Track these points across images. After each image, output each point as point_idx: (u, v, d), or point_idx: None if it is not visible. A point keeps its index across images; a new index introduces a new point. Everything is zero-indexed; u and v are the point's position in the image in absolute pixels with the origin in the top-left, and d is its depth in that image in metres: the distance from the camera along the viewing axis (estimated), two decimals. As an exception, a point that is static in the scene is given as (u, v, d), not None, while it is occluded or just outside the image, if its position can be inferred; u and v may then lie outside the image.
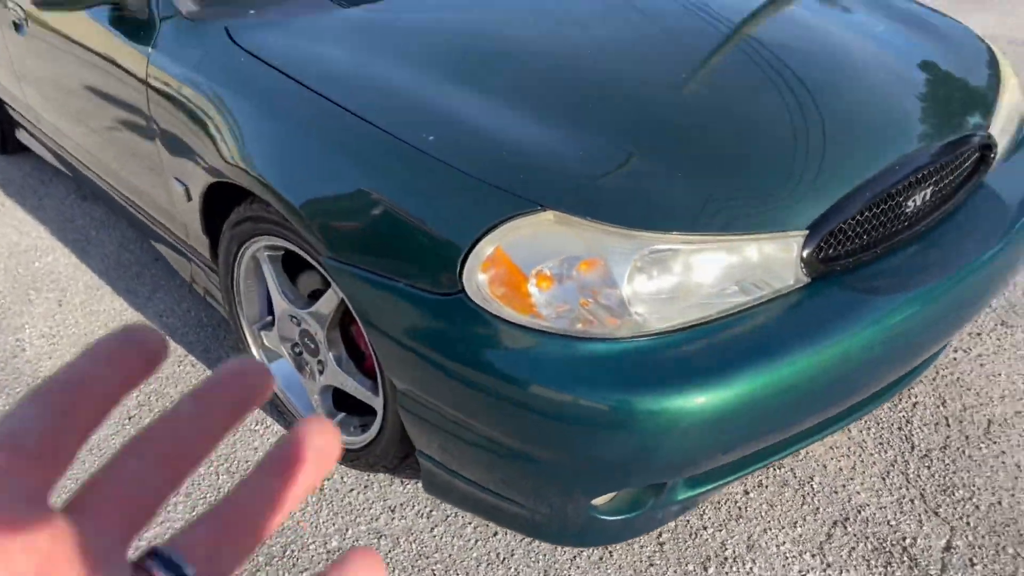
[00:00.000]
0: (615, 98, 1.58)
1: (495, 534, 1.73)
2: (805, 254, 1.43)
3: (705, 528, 1.72)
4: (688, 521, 1.74)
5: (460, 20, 1.88)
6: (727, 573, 1.62)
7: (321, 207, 1.53)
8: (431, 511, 1.78)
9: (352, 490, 1.85)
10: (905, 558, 1.63)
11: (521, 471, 1.43)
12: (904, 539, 1.67)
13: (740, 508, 1.76)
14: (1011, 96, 1.89)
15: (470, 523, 1.75)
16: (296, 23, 1.85)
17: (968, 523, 1.69)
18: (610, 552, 1.68)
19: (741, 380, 1.31)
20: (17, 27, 2.54)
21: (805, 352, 1.36)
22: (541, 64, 1.69)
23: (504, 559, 1.67)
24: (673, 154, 1.46)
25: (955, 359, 2.13)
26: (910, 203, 1.57)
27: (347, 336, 1.78)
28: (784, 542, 1.68)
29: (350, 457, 1.85)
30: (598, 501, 1.46)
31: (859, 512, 1.73)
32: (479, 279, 1.35)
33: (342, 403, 1.91)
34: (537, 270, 1.33)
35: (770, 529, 1.71)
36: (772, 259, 1.41)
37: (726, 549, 1.67)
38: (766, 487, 1.80)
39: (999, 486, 1.77)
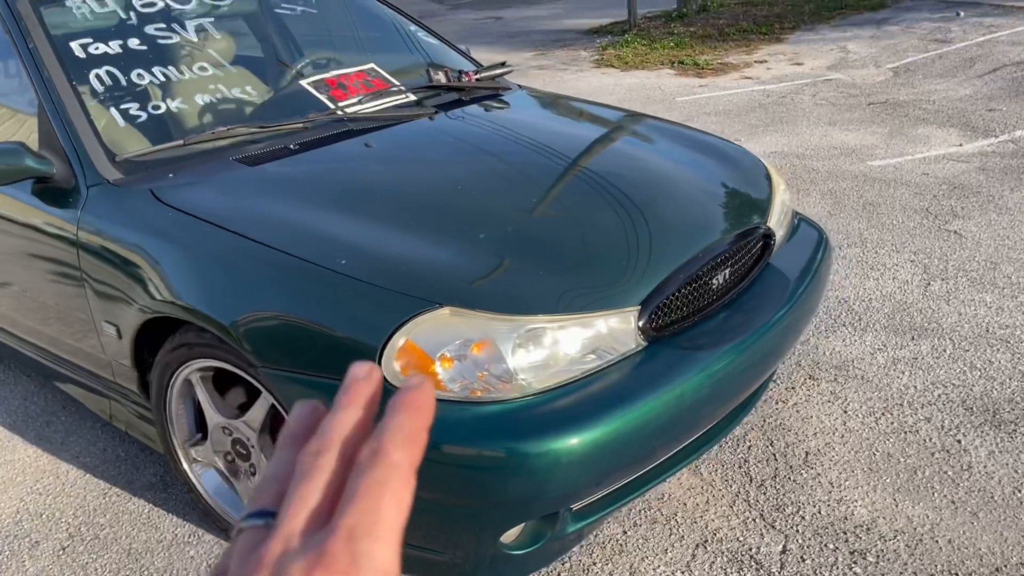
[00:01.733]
0: (484, 218, 2.02)
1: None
2: (640, 324, 1.87)
3: (595, 564, 2.06)
4: (580, 560, 2.07)
5: (348, 169, 2.30)
6: (617, 595, 1.96)
7: (250, 326, 1.85)
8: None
9: None
10: (752, 563, 2.03)
11: (440, 522, 1.74)
12: (751, 549, 2.07)
13: (621, 544, 2.12)
14: (781, 197, 2.48)
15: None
16: (211, 181, 2.20)
17: (797, 530, 2.12)
18: (520, 594, 1.98)
19: (604, 423, 1.71)
20: (-74, 204, 2.74)
21: (650, 397, 1.78)
22: (420, 196, 2.12)
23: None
24: (534, 256, 1.90)
25: (777, 408, 2.62)
26: (715, 281, 2.06)
27: (275, 438, 2.06)
28: (659, 566, 2.05)
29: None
30: (506, 538, 1.78)
31: (715, 534, 2.13)
32: (394, 366, 1.70)
33: (271, 504, 2.15)
34: (441, 354, 1.71)
35: (647, 558, 2.07)
36: (616, 330, 1.85)
37: (614, 578, 2.01)
38: (639, 525, 2.18)
39: (818, 499, 2.22)
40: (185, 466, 2.23)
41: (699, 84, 7.14)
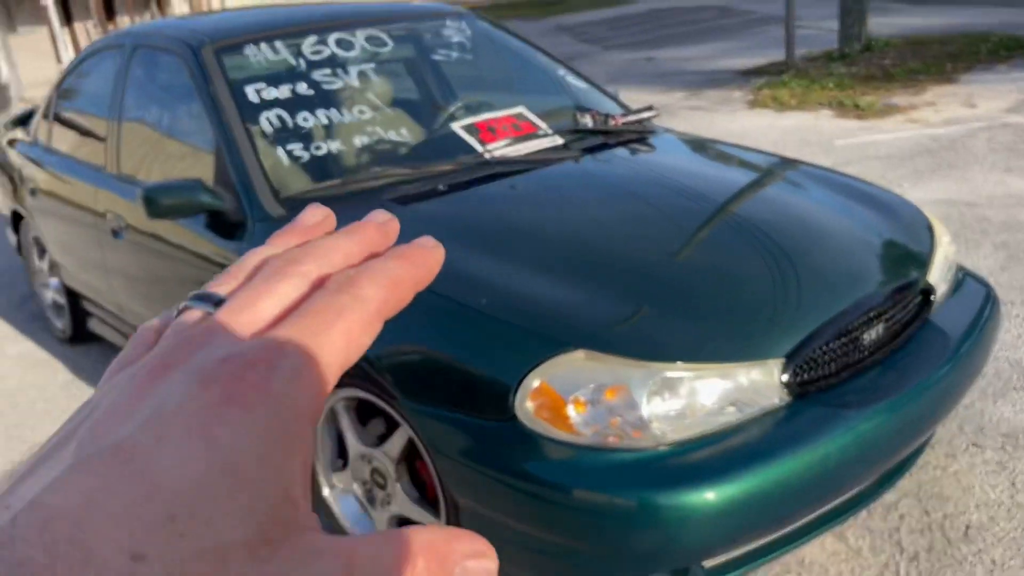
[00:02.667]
0: (624, 261, 2.01)
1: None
2: (784, 379, 1.79)
3: (728, 626, 1.97)
4: (713, 621, 1.98)
5: (493, 210, 2.35)
6: (750, 662, 1.86)
7: (393, 359, 1.91)
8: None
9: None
10: (904, 642, 1.88)
11: (568, 567, 1.72)
12: (901, 627, 1.92)
13: (757, 608, 2.01)
14: (944, 250, 2.32)
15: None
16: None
17: (956, 611, 1.95)
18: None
19: (742, 479, 1.65)
20: (116, 233, 3.03)
21: (792, 456, 1.70)
22: (561, 238, 2.14)
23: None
24: (674, 302, 1.87)
25: (935, 475, 2.43)
26: (867, 336, 1.95)
27: (411, 470, 2.11)
28: (798, 635, 1.93)
29: (413, 581, 2.12)
30: (634, 591, 1.74)
31: (861, 607, 1.99)
32: (528, 406, 1.71)
33: (404, 534, 2.20)
34: (574, 396, 1.70)
35: (785, 625, 1.96)
36: (758, 383, 1.78)
37: (748, 643, 1.91)
38: (778, 589, 2.07)
39: (980, 579, 2.04)
40: (326, 491, 2.32)
41: (860, 127, 6.85)
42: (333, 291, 0.29)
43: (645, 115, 3.02)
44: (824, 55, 10.01)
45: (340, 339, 0.28)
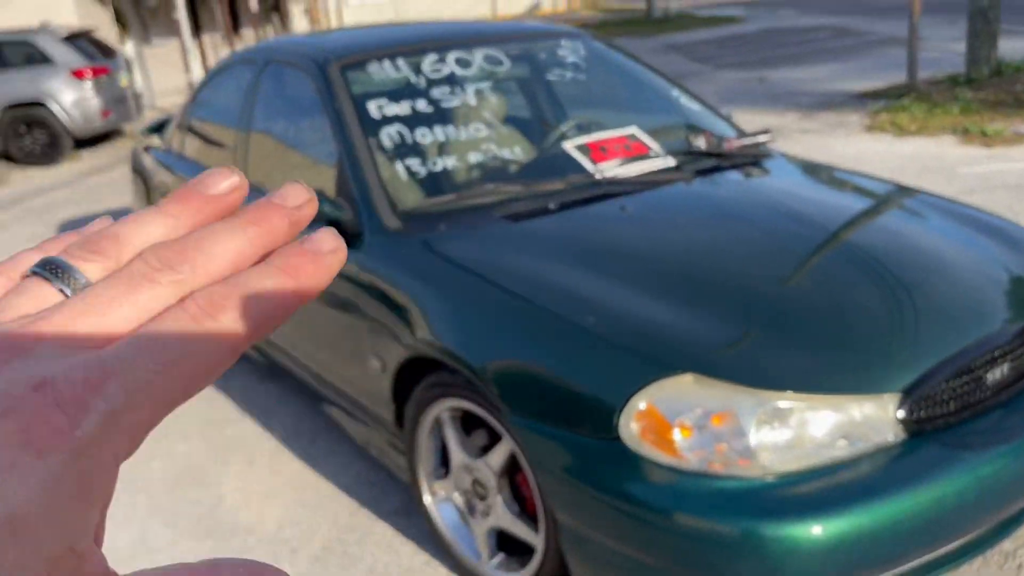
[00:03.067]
0: (734, 286, 1.99)
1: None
2: (900, 415, 1.74)
3: (829, 667, 1.91)
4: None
5: (603, 230, 2.36)
6: None
7: (498, 372, 1.94)
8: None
9: (510, 622, 2.12)
10: None
11: (668, 592, 1.71)
12: None
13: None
14: (1079, 289, 2.20)
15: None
16: (476, 234, 2.36)
17: (1080, 673, 1.83)
18: None
19: (851, 515, 1.60)
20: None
21: (905, 494, 1.64)
22: (670, 260, 2.14)
23: None
24: (786, 329, 1.84)
25: (1060, 527, 2.29)
26: (991, 376, 1.87)
27: (511, 483, 2.14)
28: None
29: (509, 595, 2.15)
30: (734, 621, 1.71)
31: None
32: (632, 428, 1.71)
33: (501, 547, 2.23)
34: (680, 420, 1.69)
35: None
36: (872, 418, 1.73)
37: None
38: (884, 633, 1.99)
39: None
40: (428, 498, 2.37)
41: (986, 155, 6.53)
42: (193, 314, 0.25)
43: (760, 138, 2.98)
44: (949, 79, 9.61)
45: (180, 378, 0.24)
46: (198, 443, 3.25)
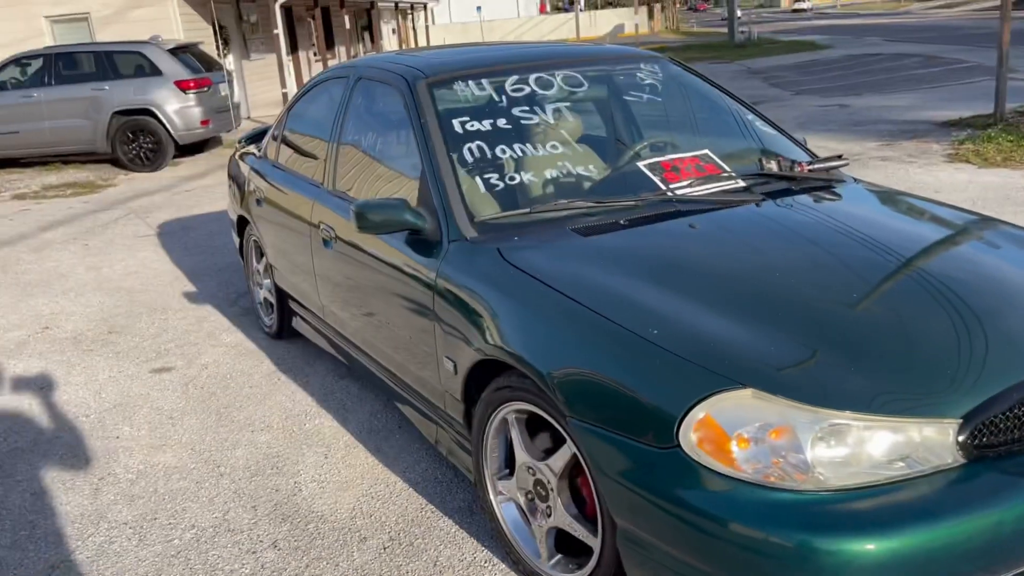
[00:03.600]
0: (799, 306, 2.05)
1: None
2: (960, 439, 1.76)
3: None
4: None
5: (671, 246, 2.43)
6: None
7: (565, 378, 2.04)
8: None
9: (566, 621, 2.20)
10: None
11: (719, 598, 1.77)
12: None
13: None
14: None
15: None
16: (548, 246, 2.47)
17: None
18: None
19: (906, 534, 1.64)
20: (326, 243, 3.37)
21: (962, 517, 1.67)
22: (736, 278, 2.20)
23: None
24: (848, 351, 1.89)
25: None
26: (1057, 406, 1.87)
27: (572, 486, 2.22)
28: None
29: (566, 593, 2.24)
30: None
31: None
32: (691, 437, 1.78)
33: (560, 547, 2.32)
34: (738, 433, 1.76)
35: None
36: (931, 441, 1.76)
37: None
38: (938, 658, 2.00)
39: None
40: (491, 496, 2.47)
41: (1076, 188, 6.35)
42: None
43: (833, 164, 3.01)
44: (1040, 110, 9.33)
45: None
46: (279, 434, 3.43)
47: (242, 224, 4.71)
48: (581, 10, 52.78)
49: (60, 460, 3.35)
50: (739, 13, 43.59)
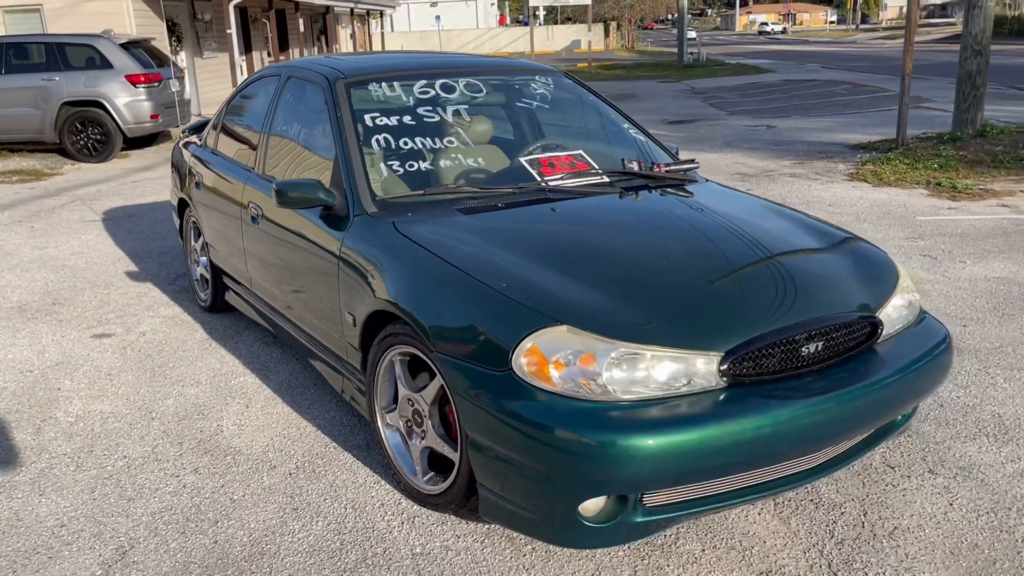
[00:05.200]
0: (618, 267, 2.60)
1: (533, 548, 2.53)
2: (723, 368, 2.31)
3: (669, 568, 2.47)
4: (656, 561, 2.49)
5: (533, 223, 2.96)
6: (677, 591, 2.36)
7: (435, 324, 2.55)
8: (488, 534, 2.61)
9: (435, 522, 2.71)
10: (805, 596, 2.33)
11: (536, 486, 2.29)
12: (808, 586, 2.37)
13: (696, 558, 2.50)
14: (906, 296, 2.77)
15: (509, 542, 2.57)
16: (434, 222, 2.97)
17: (857, 582, 2.38)
18: None
19: (674, 434, 2.18)
20: (254, 220, 3.84)
21: (715, 422, 2.21)
22: (577, 246, 2.73)
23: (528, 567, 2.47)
24: (647, 298, 2.43)
25: (885, 490, 2.83)
26: (805, 350, 2.44)
27: (441, 415, 2.73)
28: (723, 581, 2.41)
29: (433, 502, 2.74)
30: (584, 510, 2.28)
31: (780, 570, 2.45)
32: (521, 362, 2.30)
33: (432, 466, 2.82)
34: (555, 358, 2.28)
35: (713, 573, 2.44)
36: (700, 369, 2.31)
37: (680, 579, 2.42)
38: (717, 548, 2.55)
39: (887, 564, 2.45)
40: (380, 426, 2.97)
41: (949, 206, 7.08)
42: None
43: (686, 166, 3.58)
44: (937, 136, 10.15)
45: None
46: (207, 388, 3.88)
47: (182, 207, 5.14)
48: (539, 24, 53.57)
49: (5, 406, 3.75)
50: (693, 34, 44.86)
